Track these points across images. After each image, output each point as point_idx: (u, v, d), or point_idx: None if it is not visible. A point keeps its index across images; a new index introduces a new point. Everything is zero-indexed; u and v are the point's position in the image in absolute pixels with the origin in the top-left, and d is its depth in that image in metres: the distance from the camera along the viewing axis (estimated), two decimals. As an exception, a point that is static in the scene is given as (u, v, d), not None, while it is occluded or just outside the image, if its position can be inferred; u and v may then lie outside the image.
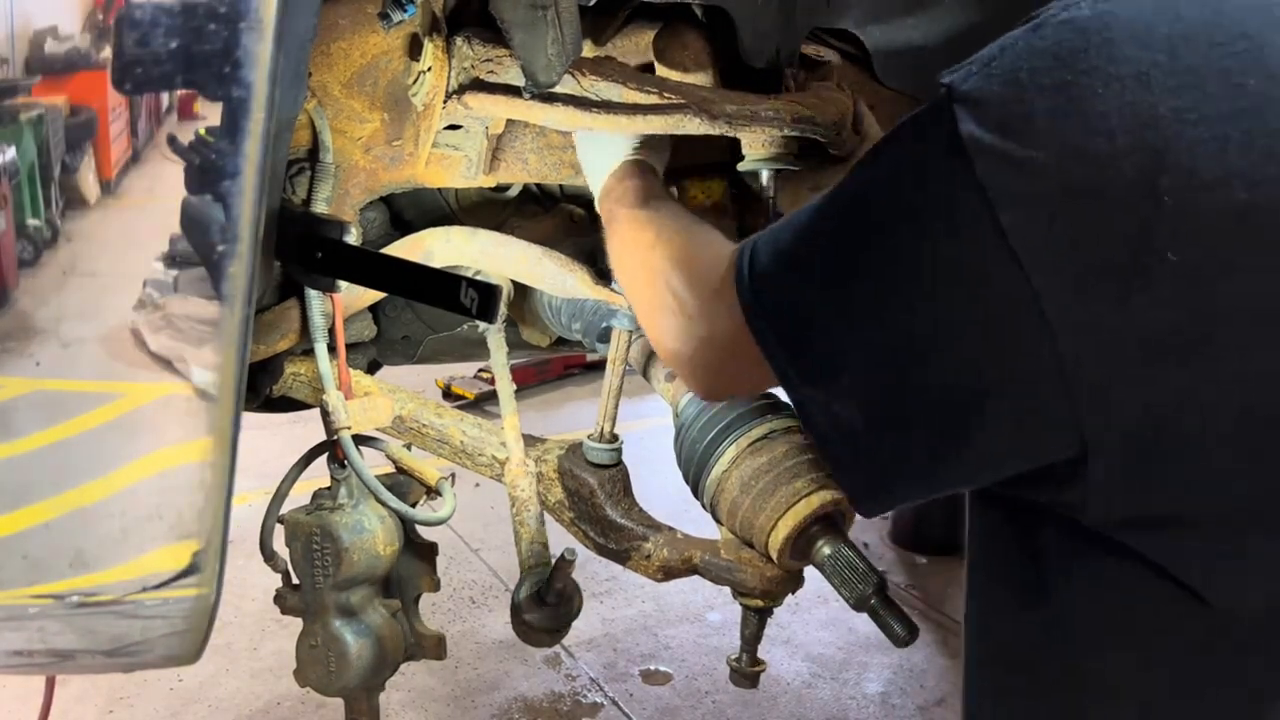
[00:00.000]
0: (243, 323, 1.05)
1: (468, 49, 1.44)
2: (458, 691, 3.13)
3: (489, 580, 3.75)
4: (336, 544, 1.51)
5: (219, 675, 3.16)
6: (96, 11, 0.96)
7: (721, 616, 3.54)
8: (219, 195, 1.00)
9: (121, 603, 1.13)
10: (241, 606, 3.44)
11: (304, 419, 1.72)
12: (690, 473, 1.50)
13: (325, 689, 1.59)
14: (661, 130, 1.44)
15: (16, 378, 1.04)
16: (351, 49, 1.46)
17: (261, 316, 1.54)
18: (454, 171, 1.59)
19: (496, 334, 1.69)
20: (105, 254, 1.04)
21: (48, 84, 0.99)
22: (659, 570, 1.52)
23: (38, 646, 1.18)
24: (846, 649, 3.36)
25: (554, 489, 1.59)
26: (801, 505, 1.38)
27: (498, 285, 1.42)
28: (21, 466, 1.07)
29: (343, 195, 1.55)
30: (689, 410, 1.51)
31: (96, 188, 1.02)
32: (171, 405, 1.07)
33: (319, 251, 1.44)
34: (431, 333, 1.89)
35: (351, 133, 1.52)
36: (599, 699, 3.11)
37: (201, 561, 1.12)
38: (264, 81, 0.97)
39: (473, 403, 5.27)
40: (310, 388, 1.64)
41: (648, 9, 1.54)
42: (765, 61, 1.56)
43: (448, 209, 1.77)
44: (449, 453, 1.66)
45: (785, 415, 1.47)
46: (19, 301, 1.02)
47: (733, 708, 3.07)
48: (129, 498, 1.09)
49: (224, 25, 0.95)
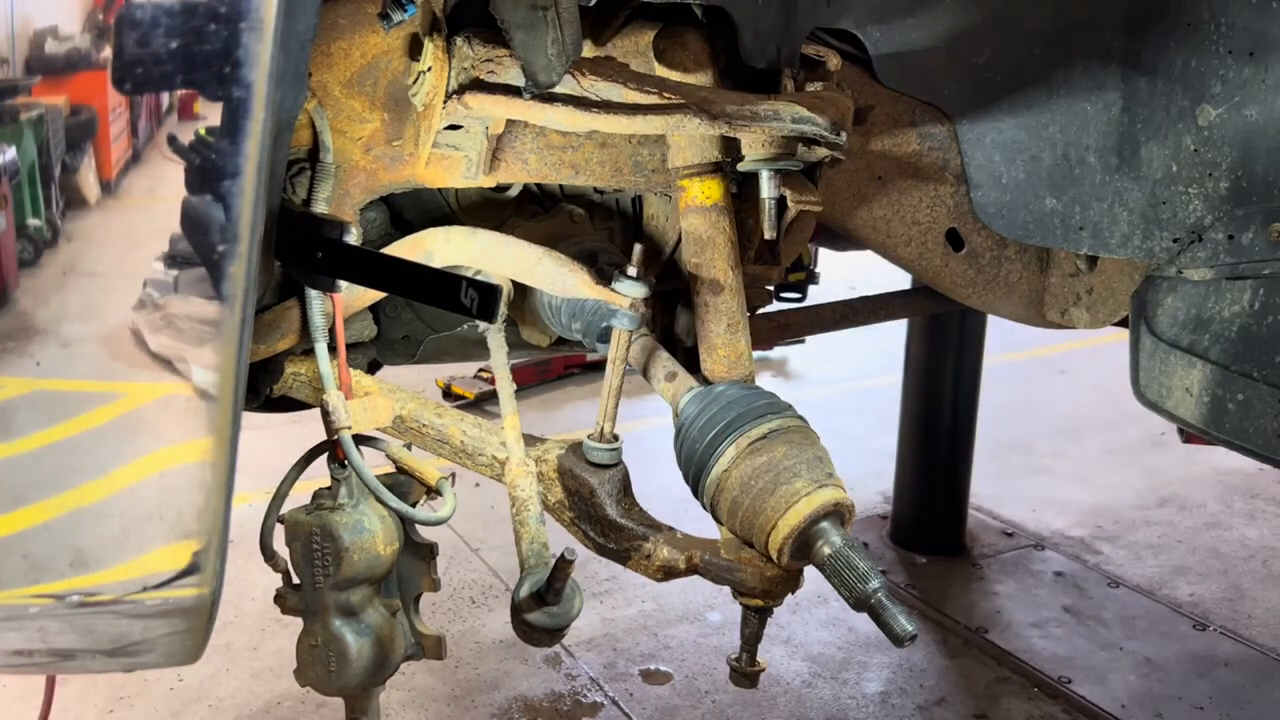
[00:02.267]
0: (243, 323, 1.05)
1: (468, 49, 1.44)
2: (458, 691, 3.13)
3: (489, 580, 3.76)
4: (336, 544, 1.52)
5: (219, 675, 3.16)
6: (96, 11, 0.96)
7: (721, 616, 3.54)
8: (219, 195, 1.00)
9: (122, 602, 1.13)
10: (241, 606, 3.44)
11: (304, 419, 1.72)
12: (690, 473, 1.50)
13: (325, 689, 1.59)
14: (661, 130, 1.44)
15: (16, 378, 1.04)
16: (351, 49, 1.46)
17: (261, 316, 1.54)
18: (454, 171, 1.59)
19: (496, 334, 1.69)
20: (105, 254, 1.04)
21: (48, 84, 0.99)
22: (659, 570, 1.52)
23: (38, 646, 1.18)
24: (846, 649, 3.36)
25: (554, 489, 1.59)
26: (802, 505, 1.38)
27: (498, 285, 1.42)
28: (21, 466, 1.07)
29: (343, 195, 1.55)
30: (689, 410, 1.51)
31: (96, 188, 1.02)
32: (171, 405, 1.07)
33: (319, 251, 1.44)
34: (431, 333, 1.89)
35: (351, 133, 1.52)
36: (599, 699, 3.11)
37: (202, 561, 1.12)
38: (264, 81, 0.97)
39: (473, 403, 5.27)
40: (310, 388, 1.64)
41: (648, 9, 1.54)
42: (765, 61, 1.56)
43: (448, 209, 1.77)
44: (449, 453, 1.66)
45: (785, 415, 1.47)
46: (19, 301, 1.02)
47: (733, 707, 3.07)
48: (129, 497, 1.09)
49: (224, 25, 0.95)
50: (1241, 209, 1.54)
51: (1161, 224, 1.64)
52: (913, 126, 1.86)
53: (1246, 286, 1.54)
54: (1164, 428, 4.06)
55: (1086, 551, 4.01)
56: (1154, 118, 1.63)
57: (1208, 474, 4.67)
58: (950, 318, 3.77)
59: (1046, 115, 1.73)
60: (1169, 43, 1.59)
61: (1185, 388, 1.62)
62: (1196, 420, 1.61)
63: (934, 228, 1.99)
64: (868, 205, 1.95)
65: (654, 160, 1.67)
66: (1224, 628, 3.51)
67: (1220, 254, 1.58)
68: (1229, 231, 1.56)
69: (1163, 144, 1.63)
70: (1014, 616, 3.57)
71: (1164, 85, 1.61)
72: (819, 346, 5.89)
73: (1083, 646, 3.39)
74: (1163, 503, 4.44)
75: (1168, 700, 3.13)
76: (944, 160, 1.89)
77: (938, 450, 3.96)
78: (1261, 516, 4.33)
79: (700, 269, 1.57)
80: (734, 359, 1.58)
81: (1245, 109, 1.52)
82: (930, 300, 2.64)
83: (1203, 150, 1.57)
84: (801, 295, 2.91)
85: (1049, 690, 3.17)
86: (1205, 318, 1.59)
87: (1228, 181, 1.55)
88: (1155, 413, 1.70)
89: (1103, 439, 5.07)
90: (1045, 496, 4.47)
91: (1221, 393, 1.56)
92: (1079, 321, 2.05)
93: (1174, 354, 1.63)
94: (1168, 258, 1.64)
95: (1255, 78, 1.50)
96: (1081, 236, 1.74)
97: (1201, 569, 3.90)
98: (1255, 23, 1.49)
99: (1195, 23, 1.56)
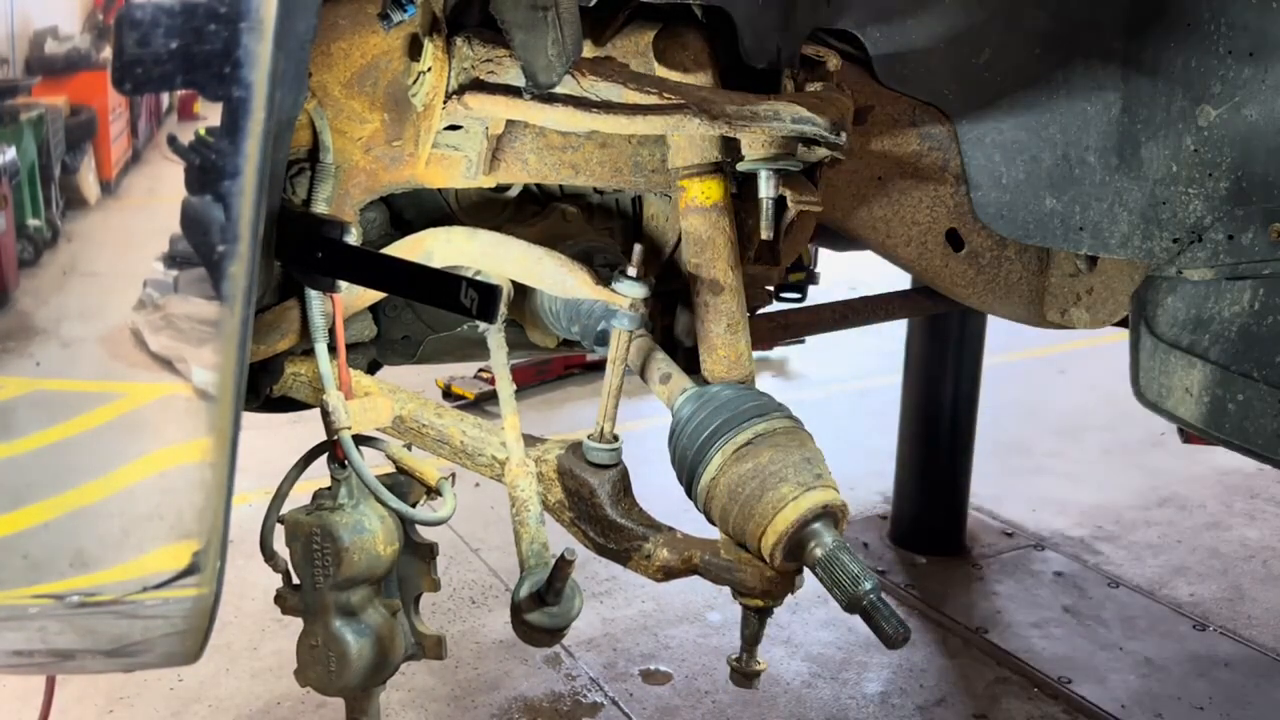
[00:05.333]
0: (243, 323, 1.05)
1: (468, 49, 1.44)
2: (458, 691, 3.13)
3: (489, 580, 3.76)
4: (336, 544, 1.52)
5: (219, 675, 3.16)
6: (96, 11, 0.96)
7: (721, 616, 3.54)
8: (219, 195, 1.00)
9: (121, 603, 1.13)
10: (241, 606, 3.44)
11: (304, 419, 1.72)
12: (683, 478, 1.50)
13: (325, 689, 1.59)
14: (661, 130, 1.44)
15: (16, 378, 1.04)
16: (351, 49, 1.46)
17: (261, 316, 1.54)
18: (454, 171, 1.59)
19: (496, 334, 1.69)
20: (105, 254, 1.04)
21: (48, 84, 0.99)
22: (659, 570, 1.52)
23: (38, 646, 1.18)
24: (846, 649, 3.36)
25: (554, 489, 1.59)
26: (789, 510, 1.37)
27: (498, 285, 1.42)
28: (21, 466, 1.07)
29: (343, 195, 1.55)
30: (682, 413, 1.51)
31: (96, 188, 1.02)
32: (171, 405, 1.07)
33: (319, 251, 1.44)
34: (431, 333, 1.89)
35: (351, 133, 1.52)
36: (599, 699, 3.11)
37: (201, 561, 1.12)
38: (264, 81, 0.97)
39: (473, 403, 5.27)
40: (310, 388, 1.64)
41: (648, 9, 1.54)
42: (765, 61, 1.56)
43: (448, 209, 1.77)
44: (449, 453, 1.66)
45: (772, 418, 1.46)
46: (19, 301, 1.02)
47: (733, 708, 3.07)
48: (129, 498, 1.09)
49: (224, 25, 0.95)
50: (1241, 209, 1.54)
51: (1161, 224, 1.64)
52: (913, 126, 1.86)
53: (1246, 286, 1.54)
54: (1164, 428, 4.06)
55: (1086, 551, 4.01)
56: (1154, 118, 1.63)
57: (1208, 474, 4.67)
58: (950, 318, 3.77)
59: (1046, 115, 1.73)
60: (1169, 43, 1.59)
61: (1185, 388, 1.62)
62: (1196, 420, 1.61)
63: (934, 228, 1.99)
64: (868, 205, 1.95)
65: (654, 160, 1.67)
66: (1224, 628, 3.51)
67: (1220, 254, 1.58)
68: (1229, 231, 1.56)
69: (1163, 144, 1.63)
70: (1014, 616, 3.57)
71: (1164, 85, 1.61)
72: (819, 346, 5.89)
73: (1083, 646, 3.39)
74: (1163, 503, 4.45)
75: (1168, 700, 3.13)
76: (944, 160, 1.89)
77: (938, 450, 3.96)
78: (1261, 516, 4.33)
79: (700, 269, 1.57)
80: (734, 359, 1.58)
81: (1245, 109, 1.52)
82: (930, 300, 2.64)
83: (1203, 150, 1.57)
84: (801, 295, 2.91)
85: (1049, 690, 3.17)
86: (1205, 318, 1.59)
87: (1228, 181, 1.55)
88: (1155, 413, 1.70)
89: (1103, 439, 5.07)
90: (1045, 496, 4.47)
91: (1221, 393, 1.56)
92: (1079, 321, 2.05)
93: (1174, 354, 1.63)
94: (1168, 258, 1.64)
95: (1255, 78, 1.50)
96: (1081, 236, 1.75)
97: (1201, 569, 3.90)
98: (1255, 23, 1.49)
99: (1195, 23, 1.56)
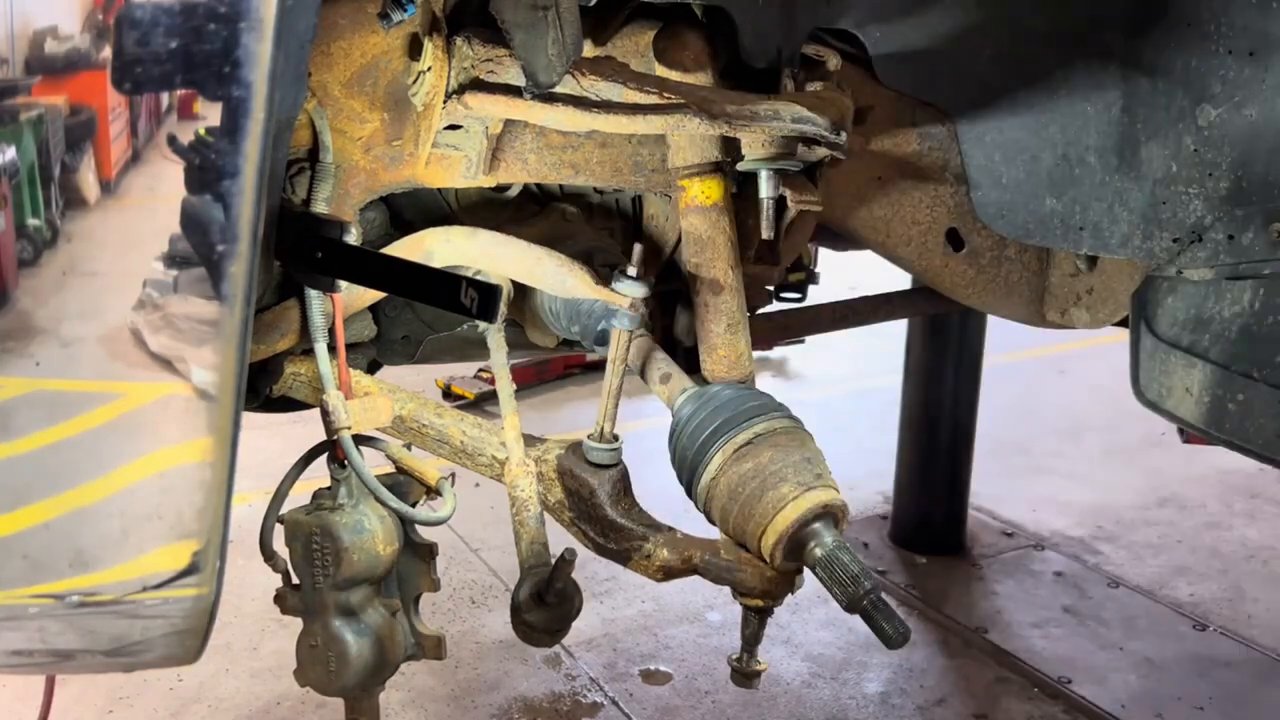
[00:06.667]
0: (243, 323, 1.05)
1: (468, 49, 1.44)
2: (458, 691, 3.13)
3: (489, 580, 3.75)
4: (336, 544, 1.51)
5: (219, 675, 3.15)
6: (96, 11, 0.96)
7: (721, 616, 3.54)
8: (219, 195, 1.00)
9: (121, 603, 1.13)
10: (241, 606, 3.44)
11: (304, 419, 1.72)
12: (683, 478, 1.50)
13: (325, 689, 1.59)
14: (661, 130, 1.44)
15: (16, 378, 1.04)
16: (351, 49, 1.46)
17: (261, 316, 1.54)
18: (454, 171, 1.59)
19: (496, 334, 1.69)
20: (105, 254, 1.04)
21: (48, 84, 0.99)
22: (659, 570, 1.52)
23: (38, 646, 1.18)
24: (846, 649, 3.36)
25: (554, 489, 1.59)
26: (789, 509, 1.37)
27: (498, 285, 1.42)
28: (21, 466, 1.07)
29: (343, 195, 1.55)
30: (682, 413, 1.51)
31: (96, 188, 1.02)
32: (171, 405, 1.07)
33: (319, 251, 1.44)
34: (431, 333, 1.89)
35: (351, 133, 1.52)
36: (599, 699, 3.11)
37: (201, 561, 1.12)
38: (264, 81, 0.97)
39: (473, 403, 5.27)
40: (310, 388, 1.64)
41: (648, 9, 1.54)
42: (765, 61, 1.56)
43: (448, 209, 1.77)
44: (449, 453, 1.66)
45: (772, 417, 1.46)
46: (19, 301, 1.02)
47: (733, 708, 3.07)
48: (129, 498, 1.09)
49: (224, 25, 0.95)
50: (1241, 209, 1.54)
51: (1161, 224, 1.64)
52: (913, 126, 1.86)
53: (1247, 286, 1.54)
54: (1164, 428, 4.06)
55: (1086, 551, 4.01)
56: (1154, 118, 1.63)
57: (1208, 474, 4.67)
58: (950, 318, 3.77)
59: (1046, 115, 1.72)
60: (1169, 43, 1.59)
61: (1185, 388, 1.62)
62: (1197, 420, 1.61)
63: (934, 228, 1.99)
64: (868, 205, 1.95)
65: (654, 160, 1.67)
66: (1224, 628, 3.51)
67: (1220, 254, 1.57)
68: (1229, 231, 1.56)
69: (1163, 144, 1.62)
70: (1014, 616, 3.57)
71: (1164, 85, 1.61)
72: (819, 346, 5.88)
73: (1083, 646, 3.39)
74: (1163, 503, 4.44)
75: (1168, 700, 3.13)
76: (944, 160, 1.89)
77: (938, 450, 3.96)
78: (1262, 516, 4.33)
79: (700, 269, 1.57)
80: (734, 359, 1.58)
81: (1245, 109, 1.52)
82: (930, 300, 2.63)
83: (1203, 150, 1.57)
84: (801, 295, 2.90)
85: (1049, 690, 3.17)
86: (1205, 318, 1.59)
87: (1228, 181, 1.55)
88: (1155, 413, 1.70)
89: (1103, 439, 5.07)
90: (1045, 496, 4.47)
91: (1222, 393, 1.56)
92: (1079, 321, 2.05)
93: (1174, 354, 1.63)
94: (1168, 258, 1.64)
95: (1255, 78, 1.50)
96: (1081, 236, 1.74)
97: (1202, 569, 3.90)
98: (1255, 23, 1.49)
99: (1195, 23, 1.55)
